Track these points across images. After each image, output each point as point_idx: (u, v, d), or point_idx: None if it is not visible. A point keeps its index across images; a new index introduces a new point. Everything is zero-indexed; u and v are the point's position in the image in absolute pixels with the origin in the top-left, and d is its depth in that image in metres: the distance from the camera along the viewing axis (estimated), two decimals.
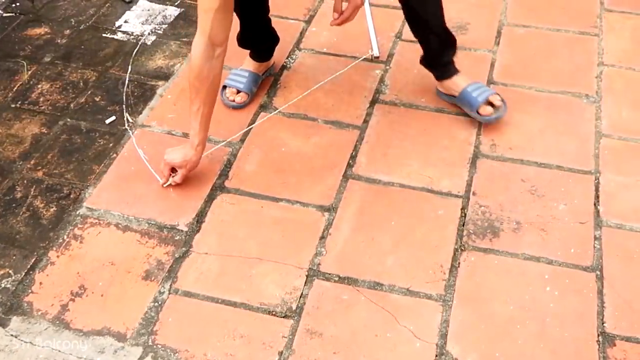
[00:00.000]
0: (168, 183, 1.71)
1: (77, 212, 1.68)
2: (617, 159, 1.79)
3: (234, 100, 1.94)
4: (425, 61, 1.91)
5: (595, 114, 1.92)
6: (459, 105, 1.90)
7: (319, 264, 1.56)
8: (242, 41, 1.97)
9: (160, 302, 1.49)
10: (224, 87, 1.95)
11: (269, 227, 1.64)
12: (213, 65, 1.58)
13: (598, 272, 1.53)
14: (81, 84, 2.06)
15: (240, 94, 1.94)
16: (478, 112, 1.84)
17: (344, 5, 1.64)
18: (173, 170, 1.70)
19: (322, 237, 1.62)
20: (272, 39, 2.01)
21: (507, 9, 2.29)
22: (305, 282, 1.53)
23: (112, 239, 1.62)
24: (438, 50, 1.86)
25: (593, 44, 2.15)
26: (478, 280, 1.53)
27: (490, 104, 1.84)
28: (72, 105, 1.98)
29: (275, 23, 2.16)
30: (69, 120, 1.94)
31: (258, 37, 1.97)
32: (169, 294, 1.51)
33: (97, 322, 1.45)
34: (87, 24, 2.29)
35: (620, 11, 2.28)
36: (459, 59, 1.91)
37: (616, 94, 1.98)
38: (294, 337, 1.43)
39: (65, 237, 1.62)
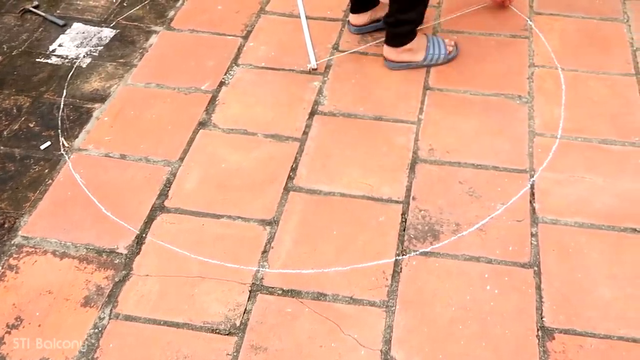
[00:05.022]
0: None
1: (12, 242, 1.64)
2: (550, 157, 1.84)
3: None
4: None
5: (528, 114, 1.96)
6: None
7: (262, 278, 1.56)
8: None
9: (100, 328, 1.46)
10: None
11: (210, 245, 1.63)
12: None
13: (536, 268, 1.57)
14: (14, 110, 2.01)
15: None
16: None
17: None
18: None
19: (265, 251, 1.61)
20: None
21: (440, 15, 2.34)
22: (248, 298, 1.52)
23: (49, 267, 1.58)
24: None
25: (524, 47, 2.21)
26: (420, 284, 1.54)
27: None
28: (5, 132, 1.94)
29: (212, 39, 2.16)
30: (2, 148, 1.89)
31: None
32: (110, 319, 1.48)
33: (34, 354, 1.41)
34: (20, 50, 2.24)
35: (549, 13, 2.35)
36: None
37: (547, 94, 2.03)
38: (238, 354, 1.41)
39: None
